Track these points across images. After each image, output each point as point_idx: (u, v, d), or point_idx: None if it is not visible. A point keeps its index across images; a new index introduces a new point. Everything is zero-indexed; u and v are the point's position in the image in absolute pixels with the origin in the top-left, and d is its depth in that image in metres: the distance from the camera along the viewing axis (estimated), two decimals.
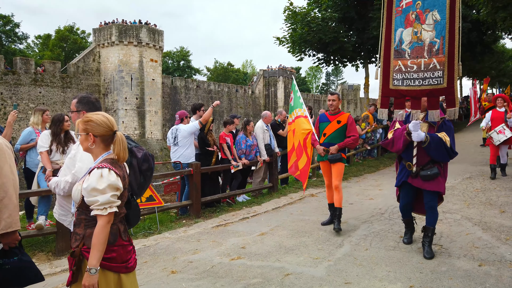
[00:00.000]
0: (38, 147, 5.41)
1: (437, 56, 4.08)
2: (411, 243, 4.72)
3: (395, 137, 4.48)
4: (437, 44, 4.08)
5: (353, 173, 10.68)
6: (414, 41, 4.24)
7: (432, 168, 4.24)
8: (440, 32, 4.04)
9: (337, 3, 17.36)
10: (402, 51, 4.33)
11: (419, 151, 4.27)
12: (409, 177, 4.39)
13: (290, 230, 5.63)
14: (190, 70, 66.28)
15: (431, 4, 4.09)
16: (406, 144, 4.34)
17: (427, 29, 4.13)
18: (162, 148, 34.87)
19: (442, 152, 4.17)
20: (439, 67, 4.07)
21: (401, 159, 4.56)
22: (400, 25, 4.33)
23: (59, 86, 30.72)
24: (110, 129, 2.36)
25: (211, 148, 7.30)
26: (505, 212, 6.06)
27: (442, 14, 4.02)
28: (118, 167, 2.32)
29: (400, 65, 4.32)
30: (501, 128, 8.41)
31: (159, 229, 5.96)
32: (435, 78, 4.10)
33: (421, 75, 4.19)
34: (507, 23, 17.92)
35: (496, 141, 8.45)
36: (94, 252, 2.15)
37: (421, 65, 4.19)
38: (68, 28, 50.43)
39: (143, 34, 33.54)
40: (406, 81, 4.29)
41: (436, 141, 4.14)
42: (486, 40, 27.45)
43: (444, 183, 4.37)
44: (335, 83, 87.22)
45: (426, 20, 4.13)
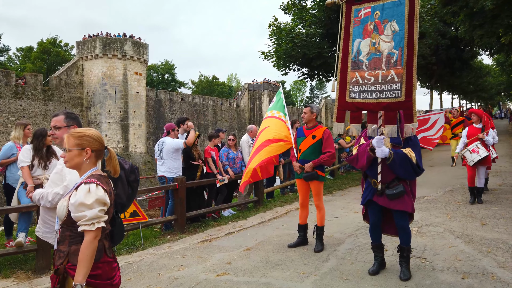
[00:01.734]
0: (19, 162, 5.29)
1: (395, 67, 3.88)
2: (377, 274, 4.27)
3: (359, 152, 4.23)
4: (395, 56, 3.88)
5: (337, 186, 10.76)
6: (372, 52, 4.05)
7: (397, 186, 3.98)
8: (399, 43, 3.85)
9: (321, 20, 17.70)
10: (359, 62, 4.13)
11: (384, 168, 4.04)
12: (374, 195, 4.14)
13: (276, 245, 5.61)
14: (175, 83, 66.19)
15: (389, 15, 3.92)
16: (370, 161, 4.10)
17: (386, 39, 3.95)
18: (146, 161, 34.49)
19: (408, 169, 3.92)
20: (397, 79, 3.86)
21: (367, 176, 4.30)
22: (358, 35, 4.16)
23: (40, 99, 30.23)
24: (103, 144, 2.42)
25: (196, 162, 7.27)
26: (486, 224, 6.18)
27: (400, 25, 3.85)
28: (105, 183, 2.31)
29: (357, 77, 4.13)
30: (475, 147, 7.51)
31: (143, 245, 5.86)
32: (392, 91, 3.88)
33: (379, 88, 3.97)
34: (484, 40, 18.55)
35: (470, 161, 7.54)
36: (81, 268, 2.12)
37: (378, 77, 3.98)
38: (51, 40, 49.89)
39: (128, 47, 33.44)
40: (363, 94, 4.09)
41: (401, 158, 3.89)
42: (464, 56, 28.37)
43: (411, 202, 4.06)
44: (319, 97, 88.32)
45: (385, 30, 3.96)
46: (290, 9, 19.32)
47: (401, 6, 3.84)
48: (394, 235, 4.38)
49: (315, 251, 5.16)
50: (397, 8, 3.86)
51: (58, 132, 3.13)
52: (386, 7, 3.94)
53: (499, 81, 49.41)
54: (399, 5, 3.86)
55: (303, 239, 5.52)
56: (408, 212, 4.08)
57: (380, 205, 4.15)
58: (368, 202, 4.27)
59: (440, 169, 12.34)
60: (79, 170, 2.39)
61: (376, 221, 4.29)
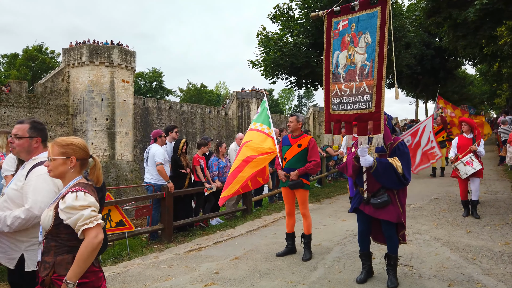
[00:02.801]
0: (3, 171, 5.17)
1: (367, 79, 3.92)
2: (365, 282, 4.28)
3: (347, 161, 4.31)
4: (367, 67, 3.92)
5: (325, 194, 10.79)
6: (348, 64, 4.09)
7: (382, 196, 3.98)
8: (371, 55, 3.89)
9: (308, 29, 17.91)
10: (338, 75, 4.19)
11: (369, 176, 4.07)
12: (361, 204, 4.18)
13: (265, 254, 5.59)
14: (163, 91, 65.91)
15: (363, 27, 3.96)
16: (356, 169, 4.15)
17: (360, 51, 3.99)
18: (133, 170, 34.14)
19: (392, 179, 3.92)
20: (368, 91, 3.91)
21: (356, 185, 4.35)
22: (337, 48, 4.20)
23: (25, 106, 29.78)
24: (88, 152, 2.40)
25: (184, 171, 7.22)
26: (471, 232, 6.27)
27: (373, 37, 3.88)
28: (91, 191, 2.29)
29: (337, 89, 4.19)
30: (469, 159, 7.15)
31: (129, 255, 5.77)
32: (364, 102, 3.94)
33: (353, 99, 4.04)
34: (468, 51, 18.98)
35: (463, 174, 7.21)
36: (75, 266, 2.10)
37: (353, 89, 4.04)
38: (37, 47, 49.31)
39: (115, 55, 33.24)
40: (341, 106, 4.16)
41: (385, 167, 3.89)
42: (448, 66, 28.97)
43: (397, 211, 4.01)
44: (307, 105, 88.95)
45: (359, 42, 3.99)
46: (278, 18, 19.51)
47: (374, 18, 3.89)
48: (384, 243, 4.40)
49: (303, 260, 5.16)
50: (371, 20, 3.91)
51: (18, 141, 2.86)
52: (361, 19, 4.00)
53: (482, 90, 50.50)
54: (372, 17, 3.90)
55: (291, 247, 5.51)
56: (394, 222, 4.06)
57: (367, 214, 4.16)
58: (356, 210, 4.30)
59: (426, 177, 12.49)
60: (63, 179, 2.36)
61: (364, 229, 4.31)
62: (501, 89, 40.21)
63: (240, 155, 5.53)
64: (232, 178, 5.33)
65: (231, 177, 5.36)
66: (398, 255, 4.23)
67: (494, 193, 9.43)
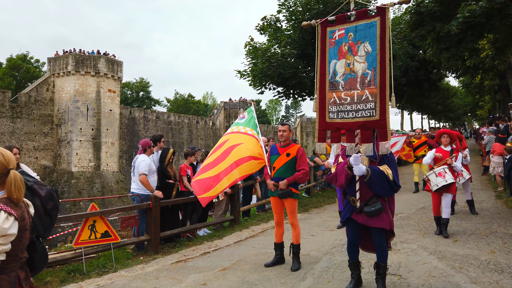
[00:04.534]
0: None
1: (369, 87, 3.98)
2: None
3: (337, 171, 4.26)
4: (369, 76, 3.99)
5: (313, 204, 10.79)
6: (347, 73, 4.14)
7: (375, 204, 4.01)
8: (372, 64, 3.96)
9: (296, 41, 18.11)
10: (336, 83, 4.23)
11: (362, 185, 4.07)
12: (353, 213, 4.16)
13: (253, 264, 5.53)
14: (150, 101, 65.61)
15: (362, 36, 4.03)
16: (348, 179, 4.13)
17: (359, 60, 4.05)
18: (118, 180, 33.70)
19: (385, 186, 3.97)
20: (371, 99, 3.97)
21: (346, 194, 4.33)
22: (333, 56, 4.25)
23: (8, 116, 29.27)
24: (5, 166, 2.15)
25: (171, 181, 7.14)
26: (457, 241, 6.32)
27: (373, 46, 3.95)
28: (14, 207, 2.09)
29: (335, 97, 4.22)
30: (442, 170, 6.66)
31: (115, 267, 5.64)
32: (367, 110, 3.99)
33: (354, 107, 4.08)
34: (451, 63, 19.45)
35: (434, 185, 6.68)
36: None
37: (354, 97, 4.08)
38: (21, 56, 48.68)
39: (101, 65, 33.03)
40: (340, 114, 4.19)
41: (378, 175, 3.94)
42: (432, 78, 29.57)
43: (389, 218, 4.08)
44: (294, 116, 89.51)
45: (358, 51, 4.06)
46: (266, 30, 19.70)
47: (373, 27, 3.97)
48: (373, 252, 4.39)
49: (292, 270, 5.11)
50: (370, 29, 3.99)
51: None
52: (359, 28, 4.07)
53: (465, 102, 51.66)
54: (371, 27, 3.99)
55: (280, 258, 5.46)
56: (386, 230, 4.10)
57: (358, 223, 4.15)
58: (347, 220, 4.27)
59: (412, 187, 12.61)
60: None
61: (353, 239, 4.29)
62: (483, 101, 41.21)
63: (230, 156, 5.48)
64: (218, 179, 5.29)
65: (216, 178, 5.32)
66: (387, 263, 4.22)
67: (479, 203, 9.55)
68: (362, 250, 4.47)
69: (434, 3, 16.24)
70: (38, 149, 31.30)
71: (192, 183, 5.69)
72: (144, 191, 6.61)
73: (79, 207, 28.35)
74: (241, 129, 5.88)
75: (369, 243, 4.38)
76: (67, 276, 5.29)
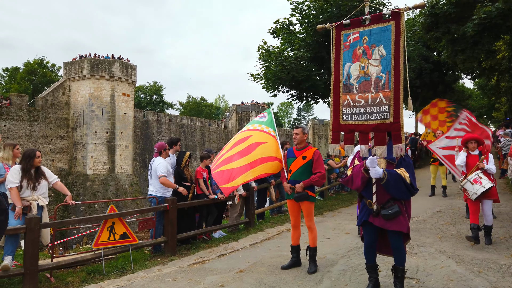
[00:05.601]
0: (7, 183, 5.18)
1: (383, 90, 4.03)
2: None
3: (353, 174, 4.26)
4: (383, 79, 4.04)
5: (328, 207, 10.76)
6: (362, 76, 4.20)
7: (393, 207, 4.00)
8: (386, 67, 4.01)
9: (309, 43, 18.10)
10: (350, 86, 4.29)
11: (379, 188, 4.07)
12: (370, 216, 4.15)
13: (269, 267, 5.55)
14: (163, 105, 66.22)
15: (377, 40, 4.09)
16: (364, 181, 4.14)
17: (374, 64, 4.11)
18: (132, 183, 34.05)
19: (402, 189, 3.97)
20: (385, 102, 4.01)
21: (362, 197, 4.32)
22: (348, 59, 4.31)
23: (25, 119, 29.88)
24: None
25: (187, 183, 7.21)
26: (475, 244, 6.24)
27: (387, 49, 4.01)
28: None
29: (349, 100, 4.28)
30: (476, 177, 6.30)
31: (133, 268, 5.73)
32: (381, 113, 4.04)
33: (368, 110, 4.13)
34: (466, 65, 19.16)
35: (472, 194, 6.25)
36: None
37: (368, 100, 4.13)
38: (38, 61, 49.67)
39: (116, 69, 33.50)
40: (354, 116, 4.24)
41: (395, 178, 3.94)
42: (447, 79, 29.18)
43: (407, 222, 4.08)
44: (306, 119, 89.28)
45: (373, 55, 4.12)
46: (279, 33, 19.74)
47: (387, 32, 4.02)
48: (390, 255, 4.38)
49: (309, 273, 5.13)
50: (384, 33, 4.04)
51: None
52: (374, 32, 4.12)
53: (480, 104, 50.78)
54: (385, 30, 4.03)
55: (296, 260, 5.48)
56: (403, 233, 4.08)
57: (375, 226, 4.14)
58: (364, 223, 4.27)
59: (428, 189, 12.46)
60: None
61: (371, 242, 4.29)
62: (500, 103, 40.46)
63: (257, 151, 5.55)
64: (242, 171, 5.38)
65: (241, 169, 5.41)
66: (405, 267, 4.20)
67: (497, 206, 9.39)
68: (378, 254, 4.44)
69: (449, 5, 16.06)
70: (54, 152, 31.86)
71: (214, 174, 5.71)
72: (162, 193, 6.70)
73: (94, 209, 28.75)
74: (264, 128, 5.92)
75: (385, 246, 4.37)
76: (87, 276, 5.40)
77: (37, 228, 4.77)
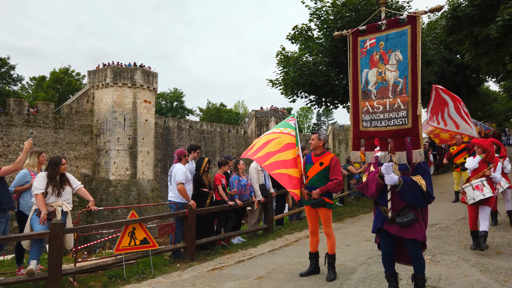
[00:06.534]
0: (34, 189, 5.36)
1: (401, 96, 4.00)
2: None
3: (368, 180, 4.23)
4: (400, 84, 4.01)
5: (347, 213, 10.64)
6: (379, 82, 4.18)
7: (408, 214, 3.92)
8: (403, 72, 3.98)
9: (327, 49, 18.04)
10: (368, 92, 4.27)
11: (394, 195, 4.01)
12: (385, 224, 4.09)
13: (287, 273, 5.53)
14: (183, 111, 67.00)
15: (393, 45, 4.06)
16: (379, 188, 4.09)
17: (391, 69, 4.08)
18: (154, 188, 34.52)
19: (418, 197, 3.88)
20: (403, 107, 3.98)
21: (378, 204, 4.26)
22: (365, 66, 4.30)
23: (51, 127, 30.77)
24: None
25: (205, 189, 7.28)
26: (501, 253, 6.05)
27: (404, 54, 3.98)
28: None
29: (368, 106, 4.26)
30: (479, 183, 6.31)
31: (153, 273, 5.82)
32: (399, 118, 4.00)
33: (387, 116, 4.10)
34: (490, 67, 18.70)
35: (470, 199, 6.32)
36: None
37: (386, 106, 4.11)
38: (63, 70, 51.19)
39: (138, 76, 34.18)
40: (373, 122, 4.21)
41: (411, 185, 3.87)
42: (471, 83, 28.49)
43: (423, 230, 3.98)
44: (326, 123, 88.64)
45: (389, 60, 4.09)
46: (297, 39, 19.74)
47: (404, 36, 3.98)
48: (408, 264, 4.29)
49: (328, 280, 5.08)
50: (400, 38, 4.01)
51: None
52: (390, 37, 4.10)
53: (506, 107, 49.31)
54: (402, 35, 4.00)
55: (315, 267, 5.44)
56: (419, 241, 3.99)
57: (391, 234, 4.08)
58: (379, 230, 4.21)
59: (451, 195, 12.16)
60: None
61: (387, 249, 4.22)
62: None
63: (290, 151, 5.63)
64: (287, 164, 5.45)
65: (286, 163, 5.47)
66: (425, 275, 4.11)
67: None
68: (396, 262, 4.35)
69: (472, 7, 15.74)
70: (78, 158, 32.67)
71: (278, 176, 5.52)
72: (181, 199, 6.79)
73: (117, 214, 29.27)
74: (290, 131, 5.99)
75: (402, 255, 4.29)
76: (109, 281, 5.51)
77: (61, 233, 4.92)
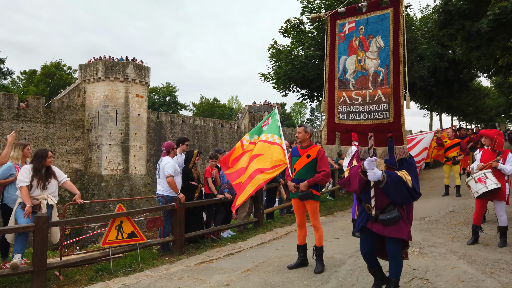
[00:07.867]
0: (18, 182, 5.28)
1: (382, 87, 3.58)
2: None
3: (351, 175, 3.91)
4: (381, 74, 3.59)
5: (338, 207, 10.67)
6: (358, 70, 3.75)
7: (392, 211, 3.66)
8: (385, 61, 3.56)
9: (319, 42, 17.96)
10: (346, 81, 3.84)
11: (378, 192, 3.72)
12: (368, 222, 3.82)
13: (276, 266, 5.52)
14: (176, 106, 66.71)
15: (374, 30, 3.63)
16: (362, 184, 3.78)
17: (371, 57, 3.66)
18: (146, 183, 34.37)
19: (403, 193, 3.59)
20: (384, 100, 3.57)
21: (361, 201, 3.97)
22: (343, 52, 3.86)
23: (42, 121, 30.44)
24: None
25: (194, 183, 7.23)
26: (488, 245, 6.09)
27: (385, 41, 3.55)
28: None
29: (345, 97, 3.84)
30: (482, 176, 6.05)
31: (141, 267, 5.77)
32: (380, 112, 3.60)
33: (366, 108, 3.69)
34: (482, 62, 18.80)
35: (474, 192, 6.13)
36: None
37: (366, 97, 3.69)
38: (55, 64, 50.60)
39: (130, 70, 33.88)
40: (351, 115, 3.80)
41: (395, 181, 3.57)
42: (462, 78, 28.67)
43: (408, 228, 3.74)
44: (319, 119, 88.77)
45: (370, 47, 3.66)
46: (289, 32, 19.64)
47: (385, 20, 3.58)
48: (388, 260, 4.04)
49: (315, 272, 5.08)
50: (382, 22, 3.60)
51: None
52: (371, 21, 3.68)
53: (498, 102, 49.76)
54: (383, 19, 3.59)
55: (303, 260, 5.43)
56: (402, 240, 3.77)
57: (373, 233, 3.83)
58: (362, 229, 3.96)
59: (441, 189, 12.23)
60: None
61: (367, 251, 3.96)
62: None
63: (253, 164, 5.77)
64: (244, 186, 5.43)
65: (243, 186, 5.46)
66: (399, 280, 3.88)
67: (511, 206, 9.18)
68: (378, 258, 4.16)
69: (463, 1, 15.78)
70: (70, 153, 32.39)
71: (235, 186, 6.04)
72: (170, 192, 6.73)
73: (109, 209, 29.12)
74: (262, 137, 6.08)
75: (385, 251, 4.00)
76: (95, 275, 5.45)
77: (46, 227, 4.84)
